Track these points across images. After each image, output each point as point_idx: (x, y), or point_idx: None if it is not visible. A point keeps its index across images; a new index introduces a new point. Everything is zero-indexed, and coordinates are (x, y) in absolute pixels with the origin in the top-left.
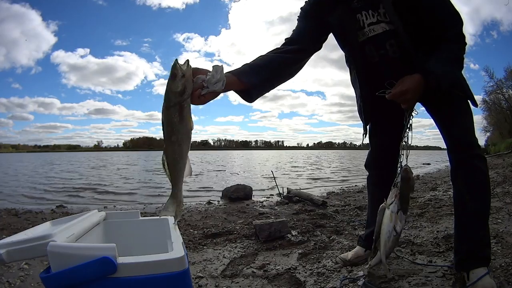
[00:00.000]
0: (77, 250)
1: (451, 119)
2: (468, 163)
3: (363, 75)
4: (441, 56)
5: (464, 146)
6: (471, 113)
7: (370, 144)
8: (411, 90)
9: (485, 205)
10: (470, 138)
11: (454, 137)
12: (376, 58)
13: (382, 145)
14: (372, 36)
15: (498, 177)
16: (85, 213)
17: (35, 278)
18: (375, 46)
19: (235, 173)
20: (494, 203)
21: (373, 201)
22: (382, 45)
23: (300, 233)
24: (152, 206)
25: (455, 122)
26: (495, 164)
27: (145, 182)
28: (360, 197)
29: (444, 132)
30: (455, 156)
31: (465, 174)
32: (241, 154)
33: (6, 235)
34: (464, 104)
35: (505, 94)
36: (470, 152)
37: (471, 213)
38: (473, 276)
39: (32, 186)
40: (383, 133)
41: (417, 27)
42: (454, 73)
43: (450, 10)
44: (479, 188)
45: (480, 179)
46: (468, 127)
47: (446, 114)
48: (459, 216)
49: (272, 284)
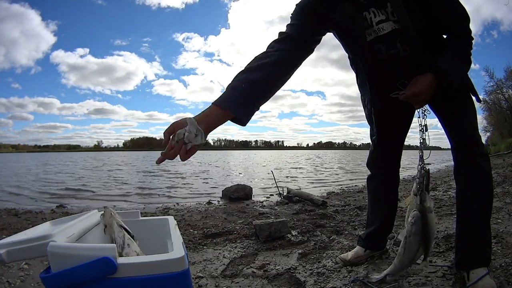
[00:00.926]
0: (77, 250)
1: (456, 118)
2: (472, 162)
3: (372, 76)
4: (451, 54)
5: (469, 145)
6: (475, 110)
7: (373, 143)
8: (425, 90)
9: (488, 204)
10: (475, 137)
11: (460, 136)
12: (384, 57)
13: (386, 145)
14: (382, 35)
15: (498, 177)
16: (85, 213)
17: (35, 278)
18: (386, 45)
19: (235, 173)
20: (494, 203)
21: (374, 201)
22: (393, 44)
23: (300, 233)
24: (152, 206)
25: (460, 121)
26: (495, 164)
27: (144, 183)
28: (360, 197)
29: (448, 131)
30: (460, 155)
31: (469, 173)
32: (241, 154)
33: (6, 235)
34: (468, 101)
35: (505, 94)
36: (475, 150)
37: (473, 212)
38: (473, 276)
39: (18, 185)
40: (388, 134)
41: (426, 25)
42: (465, 70)
43: (457, 6)
44: (483, 188)
45: (483, 178)
46: (473, 126)
47: (451, 112)
48: (461, 215)
49: (272, 284)
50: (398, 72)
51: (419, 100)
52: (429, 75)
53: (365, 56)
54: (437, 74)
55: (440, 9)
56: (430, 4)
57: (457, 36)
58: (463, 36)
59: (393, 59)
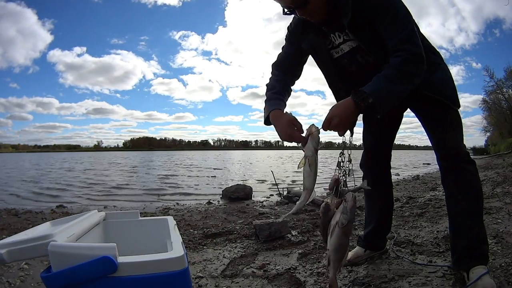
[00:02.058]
0: (77, 249)
1: (437, 130)
2: (457, 167)
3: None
4: (379, 75)
5: (452, 155)
6: (458, 119)
7: (363, 144)
8: (337, 113)
9: (478, 202)
10: (458, 150)
11: (442, 148)
12: (353, 67)
13: (374, 145)
14: (344, 53)
15: (498, 177)
16: (85, 213)
17: (35, 278)
18: (348, 60)
19: (235, 173)
20: (494, 203)
21: (369, 201)
22: (354, 59)
23: (300, 233)
24: (152, 206)
25: (442, 133)
26: (495, 164)
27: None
28: (360, 197)
29: (432, 142)
30: (444, 163)
31: (455, 177)
32: (242, 154)
33: (6, 235)
34: (451, 112)
35: (505, 94)
36: (458, 159)
37: (464, 211)
38: (473, 276)
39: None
40: (375, 134)
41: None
42: (396, 89)
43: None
44: (470, 187)
45: (470, 179)
46: (455, 137)
47: (432, 125)
48: (453, 216)
49: (272, 284)
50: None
51: (333, 125)
52: (348, 98)
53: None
54: (354, 96)
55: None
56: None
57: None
58: (397, 53)
59: (360, 69)
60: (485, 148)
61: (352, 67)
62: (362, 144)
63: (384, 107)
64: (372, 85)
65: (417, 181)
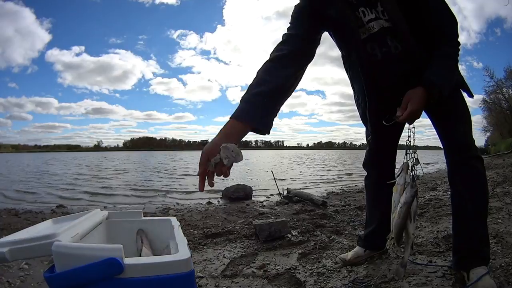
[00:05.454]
0: (83, 250)
1: (449, 123)
2: (466, 164)
3: (367, 74)
4: (440, 64)
5: (462, 149)
6: (469, 113)
7: (368, 144)
8: (420, 107)
9: (484, 204)
10: (468, 141)
11: (452, 140)
12: (378, 56)
13: (381, 145)
14: (373, 33)
15: (498, 177)
16: (87, 211)
17: (35, 278)
18: (378, 43)
19: (235, 173)
20: (494, 203)
21: (371, 201)
22: (384, 41)
23: (300, 233)
24: (152, 206)
25: (453, 126)
26: (495, 164)
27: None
28: (360, 197)
29: (441, 136)
30: (453, 158)
31: (463, 175)
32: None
33: (6, 235)
34: (461, 104)
35: (505, 94)
36: (468, 154)
37: (470, 212)
38: (473, 276)
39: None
40: (381, 133)
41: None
42: (453, 79)
43: (444, 9)
44: (478, 188)
45: (478, 179)
46: (465, 129)
47: (443, 118)
48: (458, 216)
49: (272, 284)
50: (392, 70)
51: (415, 118)
52: (420, 90)
53: (360, 52)
54: (428, 88)
55: (428, 10)
56: (419, 5)
57: (445, 40)
58: (450, 42)
59: (386, 57)
60: (485, 148)
61: (377, 53)
62: (366, 143)
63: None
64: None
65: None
